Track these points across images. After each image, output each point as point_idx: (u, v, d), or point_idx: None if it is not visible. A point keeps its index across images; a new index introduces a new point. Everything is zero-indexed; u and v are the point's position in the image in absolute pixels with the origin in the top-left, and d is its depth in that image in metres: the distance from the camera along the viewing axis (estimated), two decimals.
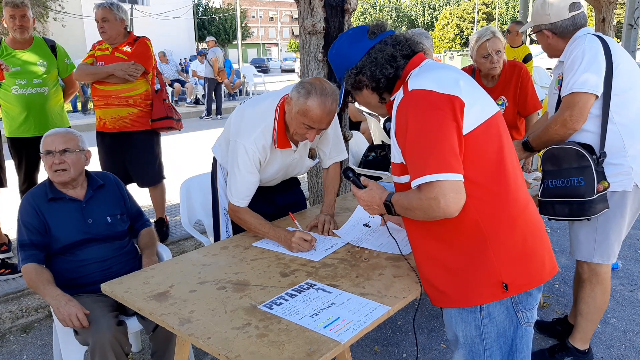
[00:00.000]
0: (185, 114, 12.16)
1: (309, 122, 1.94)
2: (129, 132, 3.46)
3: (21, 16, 3.28)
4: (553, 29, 2.24)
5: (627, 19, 7.95)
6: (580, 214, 2.10)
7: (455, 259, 1.44)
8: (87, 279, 2.13)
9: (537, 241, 1.46)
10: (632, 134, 2.10)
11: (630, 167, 2.09)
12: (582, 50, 2.08)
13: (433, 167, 1.32)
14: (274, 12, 66.78)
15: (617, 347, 2.61)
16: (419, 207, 1.38)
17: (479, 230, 1.40)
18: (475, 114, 1.38)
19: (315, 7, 2.92)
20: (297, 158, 2.26)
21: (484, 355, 1.50)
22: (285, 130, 2.09)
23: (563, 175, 2.12)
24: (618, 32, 14.43)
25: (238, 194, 2.11)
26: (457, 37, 47.78)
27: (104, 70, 3.35)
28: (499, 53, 2.90)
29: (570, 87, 2.08)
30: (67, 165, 2.14)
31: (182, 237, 3.97)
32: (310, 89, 1.91)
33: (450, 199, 1.31)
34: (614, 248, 2.21)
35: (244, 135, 2.06)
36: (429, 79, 1.40)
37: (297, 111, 1.94)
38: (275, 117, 2.07)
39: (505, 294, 1.41)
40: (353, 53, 1.53)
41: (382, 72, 1.49)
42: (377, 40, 1.52)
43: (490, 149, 1.40)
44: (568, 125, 2.10)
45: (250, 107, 2.18)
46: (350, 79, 1.54)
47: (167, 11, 25.78)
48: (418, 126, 1.36)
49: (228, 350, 1.30)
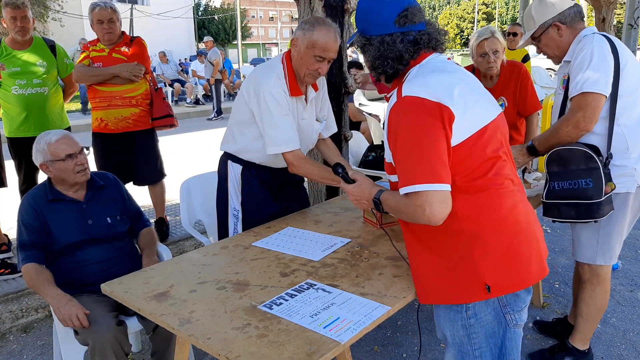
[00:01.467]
0: (186, 114, 12.16)
1: (319, 53, 2.04)
2: (131, 132, 3.47)
3: (22, 17, 3.27)
4: (563, 19, 2.16)
5: (627, 19, 7.95)
6: (588, 216, 2.06)
7: (442, 259, 1.46)
8: (87, 279, 2.13)
9: (524, 243, 1.45)
10: (635, 135, 2.08)
11: (633, 168, 2.08)
12: (591, 49, 2.04)
13: (421, 177, 1.34)
14: (274, 12, 66.75)
15: (617, 347, 2.61)
16: (405, 211, 1.42)
17: (464, 233, 1.41)
18: (469, 125, 1.38)
19: (315, 7, 2.93)
20: (307, 119, 2.29)
21: (473, 356, 1.51)
22: (295, 78, 2.16)
23: (570, 177, 2.08)
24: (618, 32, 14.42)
25: (284, 138, 2.12)
26: (457, 37, 47.77)
27: (109, 72, 3.34)
28: (496, 53, 2.89)
29: (580, 87, 2.03)
30: (87, 164, 2.19)
31: (182, 237, 3.97)
32: (314, 22, 2.06)
33: (436, 208, 1.34)
34: (616, 249, 2.21)
35: (263, 85, 2.10)
36: (422, 85, 1.40)
37: (305, 46, 2.05)
38: (284, 66, 2.16)
39: (488, 295, 1.41)
40: (374, 22, 1.50)
41: (384, 64, 1.50)
42: (400, 31, 1.47)
43: (479, 157, 1.40)
44: (581, 126, 2.04)
45: (256, 69, 2.25)
46: (359, 42, 1.56)
47: (167, 11, 25.77)
48: (408, 134, 1.38)
49: (228, 350, 1.30)
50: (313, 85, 2.29)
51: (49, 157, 2.13)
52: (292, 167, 2.19)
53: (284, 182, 2.39)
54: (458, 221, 1.41)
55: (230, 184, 2.36)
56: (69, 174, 2.14)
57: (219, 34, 37.97)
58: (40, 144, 2.15)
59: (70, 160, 2.13)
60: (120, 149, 3.50)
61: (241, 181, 2.33)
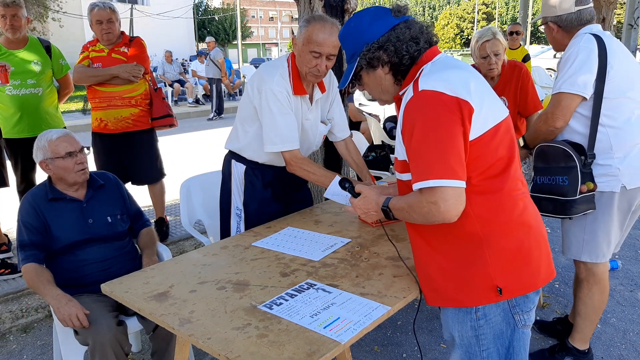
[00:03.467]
0: (186, 114, 12.16)
1: (315, 48, 2.03)
2: (131, 132, 3.47)
3: (12, 16, 3.22)
4: (558, 22, 2.25)
5: (627, 19, 7.96)
6: (562, 212, 2.15)
7: (451, 261, 1.44)
8: (87, 279, 2.13)
9: (534, 245, 1.45)
10: (621, 136, 2.10)
11: (617, 168, 2.11)
12: (577, 50, 2.09)
13: (437, 172, 1.31)
14: (274, 12, 66.76)
15: (617, 347, 2.61)
16: (418, 210, 1.38)
17: (476, 234, 1.40)
18: (484, 119, 1.37)
19: (315, 7, 2.92)
20: (311, 120, 2.29)
21: (480, 357, 1.50)
22: (299, 77, 2.16)
23: (550, 173, 2.17)
24: (618, 32, 14.43)
25: (284, 137, 2.13)
26: (457, 37, 47.79)
27: (108, 73, 3.34)
28: (497, 55, 2.89)
29: (559, 87, 2.11)
30: (86, 164, 2.19)
31: (182, 237, 3.97)
32: (309, 18, 2.07)
33: (451, 204, 1.31)
34: (603, 248, 2.22)
35: (266, 82, 2.11)
36: (440, 80, 1.37)
37: (302, 42, 2.05)
38: (288, 65, 2.17)
39: (499, 297, 1.41)
40: (376, 28, 1.48)
41: (407, 49, 1.44)
42: (402, 20, 1.48)
43: (495, 154, 1.39)
44: (549, 122, 2.15)
45: (261, 67, 2.27)
46: (370, 53, 1.47)
47: (167, 11, 25.77)
48: (425, 129, 1.35)
49: (228, 350, 1.30)
50: (320, 86, 2.28)
51: (49, 155, 2.13)
52: (290, 167, 2.19)
53: (287, 182, 2.39)
54: (470, 222, 1.39)
55: (234, 183, 2.36)
56: (69, 172, 2.14)
57: (219, 34, 37.97)
58: (41, 142, 2.16)
59: (70, 159, 2.13)
60: (120, 149, 3.50)
61: (244, 181, 2.34)
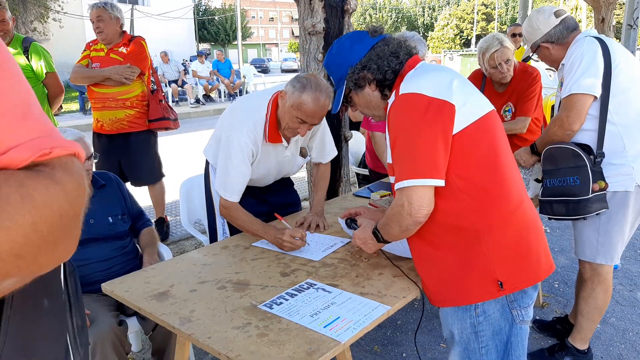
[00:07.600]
0: (186, 114, 12.17)
1: (302, 116, 1.97)
2: (127, 133, 3.47)
3: (0, 21, 3.12)
4: (549, 39, 2.28)
5: (627, 19, 7.96)
6: (576, 213, 2.13)
7: (450, 258, 1.46)
8: (88, 279, 2.13)
9: (533, 239, 1.46)
10: (632, 134, 2.11)
11: (631, 167, 2.11)
12: (581, 52, 2.11)
13: (407, 172, 1.36)
14: (274, 12, 66.76)
15: (616, 347, 2.62)
16: (392, 217, 1.44)
17: (472, 228, 1.41)
18: (466, 113, 1.39)
19: (315, 7, 2.93)
20: (289, 156, 2.27)
21: (479, 353, 1.51)
22: (276, 125, 2.11)
23: (560, 175, 2.16)
24: (617, 32, 14.43)
25: (231, 188, 2.09)
26: (457, 38, 47.76)
27: (100, 74, 3.33)
28: (508, 61, 2.86)
29: (569, 89, 2.11)
30: (91, 172, 2.18)
31: (182, 237, 3.97)
32: (306, 83, 1.95)
33: (415, 204, 1.35)
34: (617, 249, 2.22)
35: (236, 129, 2.07)
36: (419, 82, 1.42)
37: (291, 105, 1.97)
38: (268, 112, 2.09)
39: (500, 292, 1.42)
40: (356, 50, 1.55)
41: (389, 64, 1.50)
42: (379, 39, 1.55)
43: (482, 146, 1.41)
44: (565, 126, 2.13)
45: (241, 104, 2.22)
46: (355, 75, 1.55)
47: (167, 11, 25.77)
48: (401, 131, 1.39)
49: (228, 349, 1.30)
50: None
51: None
52: (223, 210, 2.15)
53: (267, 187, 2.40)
54: (466, 216, 1.40)
55: (213, 188, 2.36)
56: None
57: (219, 34, 37.98)
58: None
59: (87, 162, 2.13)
60: (117, 150, 3.51)
61: None
